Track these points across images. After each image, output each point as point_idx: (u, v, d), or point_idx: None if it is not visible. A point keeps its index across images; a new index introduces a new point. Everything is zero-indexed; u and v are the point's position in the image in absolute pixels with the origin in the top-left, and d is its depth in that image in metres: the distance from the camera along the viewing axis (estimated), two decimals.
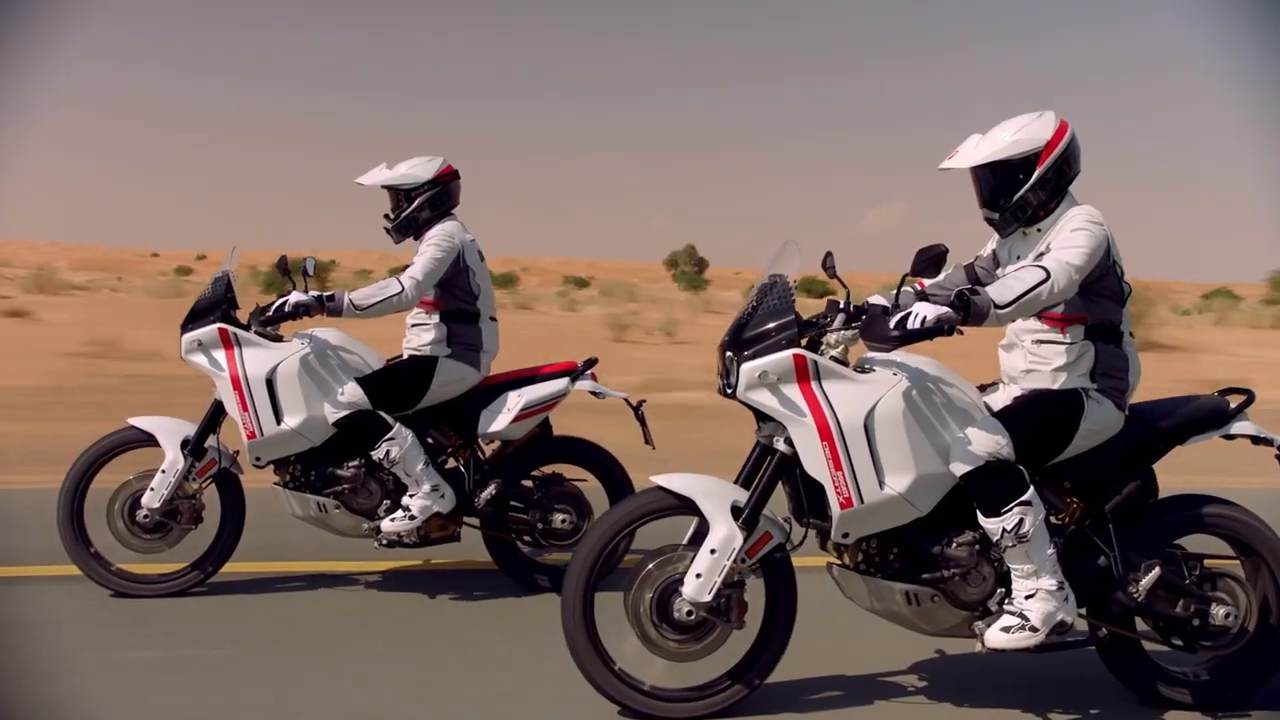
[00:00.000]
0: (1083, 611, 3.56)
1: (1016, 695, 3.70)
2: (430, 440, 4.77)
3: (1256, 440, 3.63)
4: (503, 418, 4.69)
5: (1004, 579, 3.46)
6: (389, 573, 5.10)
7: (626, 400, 4.87)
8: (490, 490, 4.69)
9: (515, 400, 4.71)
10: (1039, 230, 3.54)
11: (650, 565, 3.42)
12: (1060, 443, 3.47)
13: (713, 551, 3.35)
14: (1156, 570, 3.47)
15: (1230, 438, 3.65)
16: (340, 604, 4.64)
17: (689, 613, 3.36)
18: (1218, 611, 3.52)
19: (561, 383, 4.78)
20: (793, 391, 3.35)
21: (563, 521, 4.71)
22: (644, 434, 4.84)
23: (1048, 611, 3.36)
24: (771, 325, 3.41)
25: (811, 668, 3.81)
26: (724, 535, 3.36)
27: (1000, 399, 3.64)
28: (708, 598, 3.34)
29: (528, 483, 4.83)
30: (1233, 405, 3.64)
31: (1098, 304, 3.48)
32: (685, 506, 3.44)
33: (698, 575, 3.34)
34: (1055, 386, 3.49)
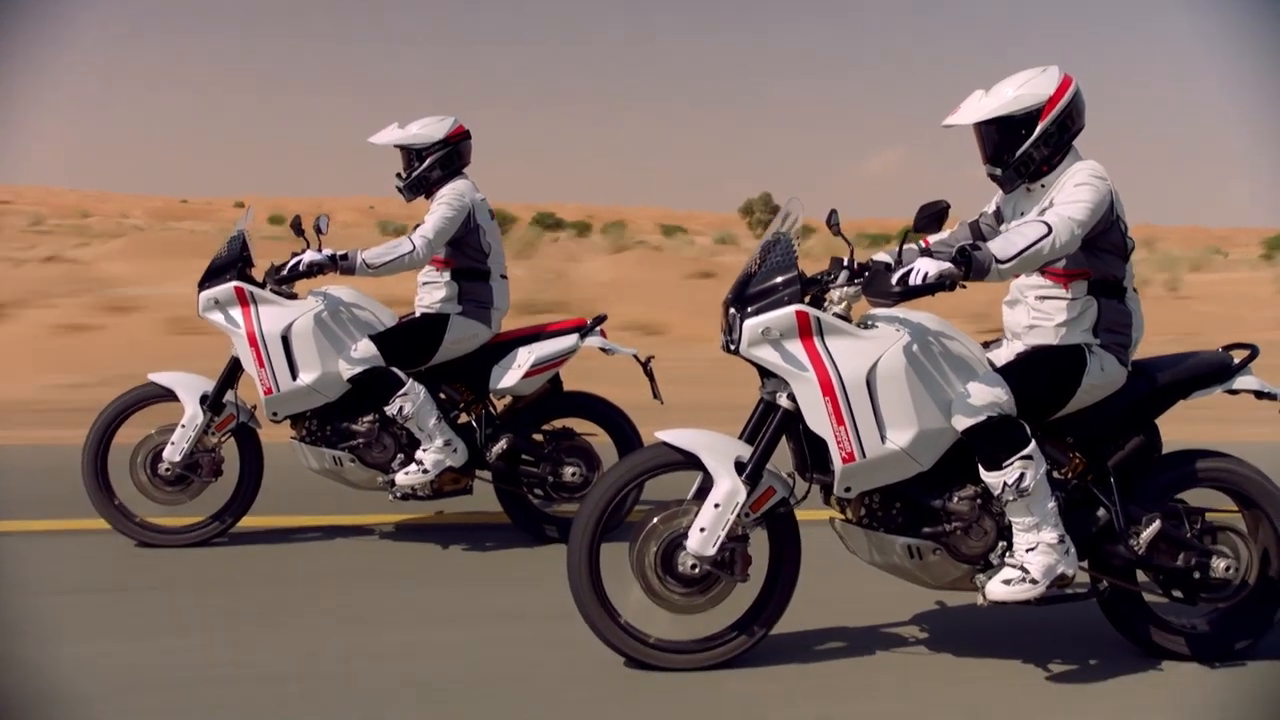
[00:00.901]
0: (1084, 565, 3.61)
1: (1016, 646, 3.75)
2: (443, 396, 4.85)
3: (1260, 395, 3.64)
4: (513, 373, 4.76)
5: (1005, 532, 3.50)
6: (403, 525, 5.20)
7: (635, 356, 4.92)
8: (501, 444, 4.76)
9: (526, 356, 4.78)
10: (1043, 186, 3.54)
11: (655, 519, 3.48)
12: (1062, 398, 3.49)
13: (716, 506, 3.40)
14: (1157, 524, 3.50)
15: (1234, 393, 3.66)
16: (355, 554, 4.75)
17: (693, 566, 3.41)
18: (1218, 564, 3.55)
19: (571, 339, 4.84)
20: (795, 347, 3.39)
21: (573, 475, 4.78)
22: (653, 389, 4.90)
23: (1048, 564, 3.40)
24: (774, 282, 3.43)
25: (815, 620, 3.86)
26: (728, 490, 3.41)
27: (1004, 355, 3.66)
28: (712, 551, 3.39)
29: (538, 437, 4.90)
30: (1236, 360, 3.65)
31: (1101, 259, 3.48)
32: (689, 462, 3.49)
33: (702, 529, 3.40)
34: (1058, 342, 3.51)
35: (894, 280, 3.19)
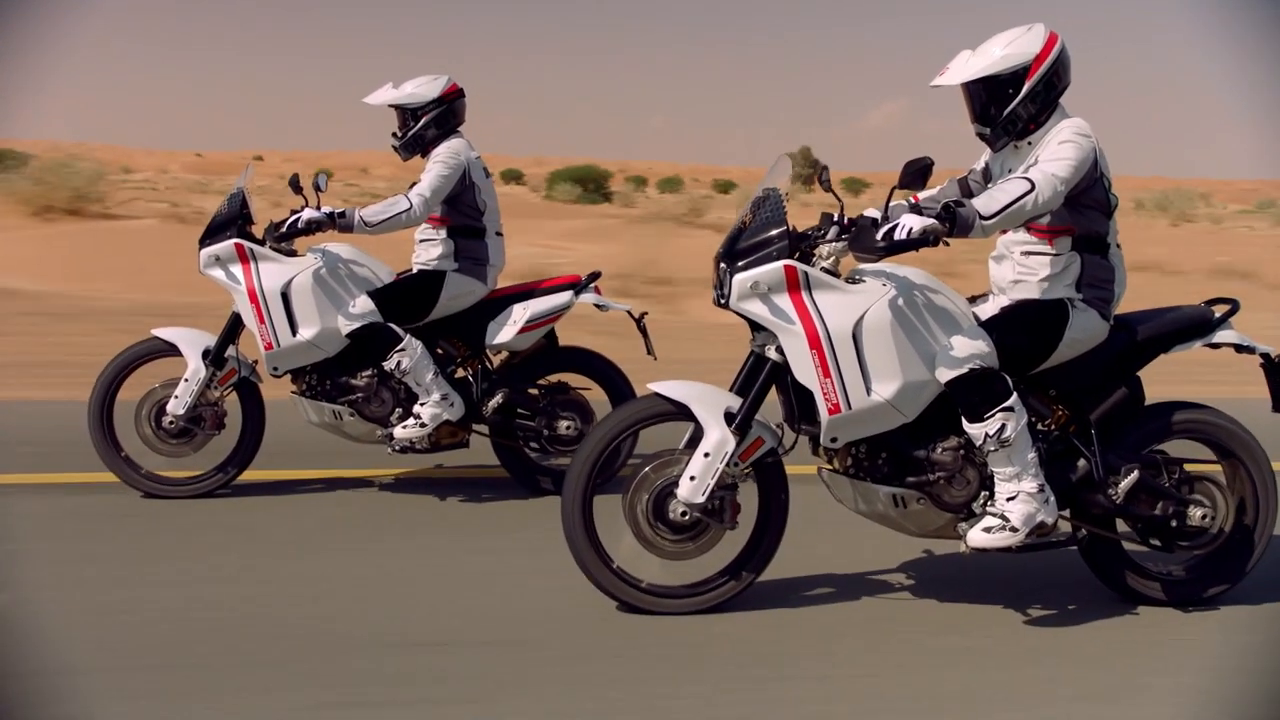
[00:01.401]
0: (1065, 514, 3.71)
1: (998, 592, 3.87)
2: (440, 351, 4.94)
3: (1240, 349, 3.72)
4: (508, 329, 4.85)
5: (988, 482, 3.59)
6: (402, 477, 5.30)
7: (629, 312, 5.00)
8: (498, 398, 4.86)
9: (521, 313, 4.87)
10: (1029, 143, 3.60)
11: (647, 468, 3.58)
12: (1045, 351, 3.57)
13: (706, 455, 3.50)
14: (1136, 474, 3.60)
15: (1215, 346, 3.75)
16: (356, 505, 4.86)
17: (684, 513, 3.50)
18: (1195, 513, 3.65)
19: (565, 296, 4.92)
20: (783, 301, 3.46)
21: (567, 428, 4.88)
22: (646, 345, 4.98)
23: (1028, 513, 3.50)
24: (764, 238, 3.50)
25: (802, 568, 3.98)
26: (717, 439, 3.50)
27: (989, 309, 3.73)
28: (701, 499, 3.49)
29: (534, 391, 4.99)
30: (1217, 314, 3.73)
31: (1085, 216, 3.55)
32: (681, 412, 3.58)
33: (692, 478, 3.49)
34: (1041, 296, 3.59)
35: (879, 236, 3.26)
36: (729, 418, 3.52)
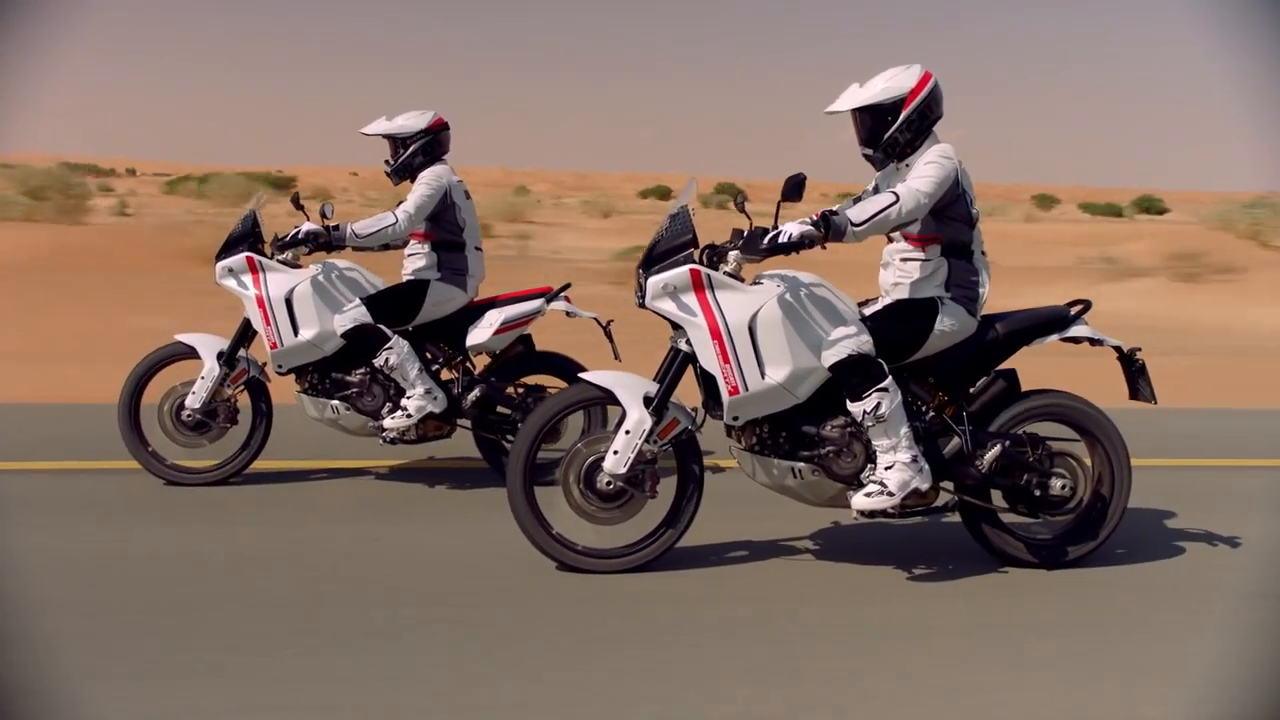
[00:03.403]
0: (950, 486, 4.25)
1: (890, 555, 4.43)
2: (428, 354, 5.58)
3: (1093, 342, 4.26)
4: (484, 331, 5.49)
5: (873, 456, 4.14)
6: (397, 468, 5.95)
7: (596, 319, 5.60)
8: (475, 393, 5.48)
9: (496, 317, 5.50)
10: (907, 165, 4.17)
11: (579, 444, 4.19)
12: (919, 341, 4.14)
13: (627, 432, 4.09)
14: (999, 448, 4.14)
15: (1073, 340, 4.28)
16: (354, 490, 5.51)
17: (608, 483, 4.09)
18: (1056, 483, 4.18)
19: (536, 303, 5.55)
20: (690, 300, 4.06)
21: None
22: (612, 350, 5.58)
23: (903, 480, 4.05)
24: (673, 246, 4.11)
25: (719, 535, 4.57)
26: (636, 419, 4.10)
27: (876, 309, 4.30)
28: (623, 470, 4.08)
29: (512, 390, 5.61)
30: (1073, 312, 4.28)
31: (950, 226, 4.12)
32: (607, 397, 4.19)
33: (615, 452, 4.08)
34: (914, 295, 4.15)
35: (764, 241, 3.86)
36: (647, 401, 4.12)
